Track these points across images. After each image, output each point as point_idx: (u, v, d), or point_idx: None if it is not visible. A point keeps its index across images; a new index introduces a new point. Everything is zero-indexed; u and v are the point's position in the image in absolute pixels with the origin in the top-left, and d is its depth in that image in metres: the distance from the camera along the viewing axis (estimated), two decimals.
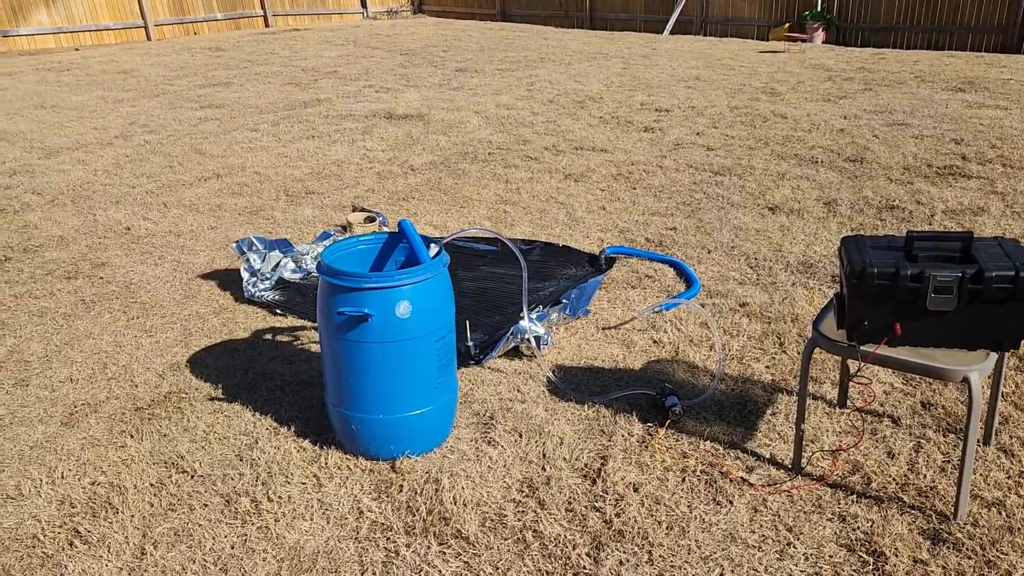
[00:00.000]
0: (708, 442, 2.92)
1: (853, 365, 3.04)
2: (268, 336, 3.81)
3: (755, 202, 5.41)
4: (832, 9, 14.27)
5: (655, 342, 3.65)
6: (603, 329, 3.81)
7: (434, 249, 2.92)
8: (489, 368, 3.47)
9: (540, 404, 3.18)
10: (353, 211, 5.15)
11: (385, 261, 3.08)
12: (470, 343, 3.52)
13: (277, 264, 4.36)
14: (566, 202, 5.57)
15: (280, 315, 4.01)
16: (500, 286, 4.26)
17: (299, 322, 3.94)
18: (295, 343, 3.74)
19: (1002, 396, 3.09)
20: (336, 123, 8.12)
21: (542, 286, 4.24)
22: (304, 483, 2.75)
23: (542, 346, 3.52)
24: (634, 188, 5.84)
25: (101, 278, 4.57)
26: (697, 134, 7.30)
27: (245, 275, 4.25)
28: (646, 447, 2.91)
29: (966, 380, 2.32)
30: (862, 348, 2.46)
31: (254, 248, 4.34)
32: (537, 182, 6.04)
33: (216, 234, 5.20)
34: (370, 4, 20.67)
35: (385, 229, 4.98)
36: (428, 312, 2.72)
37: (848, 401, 3.14)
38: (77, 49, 15.41)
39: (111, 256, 4.89)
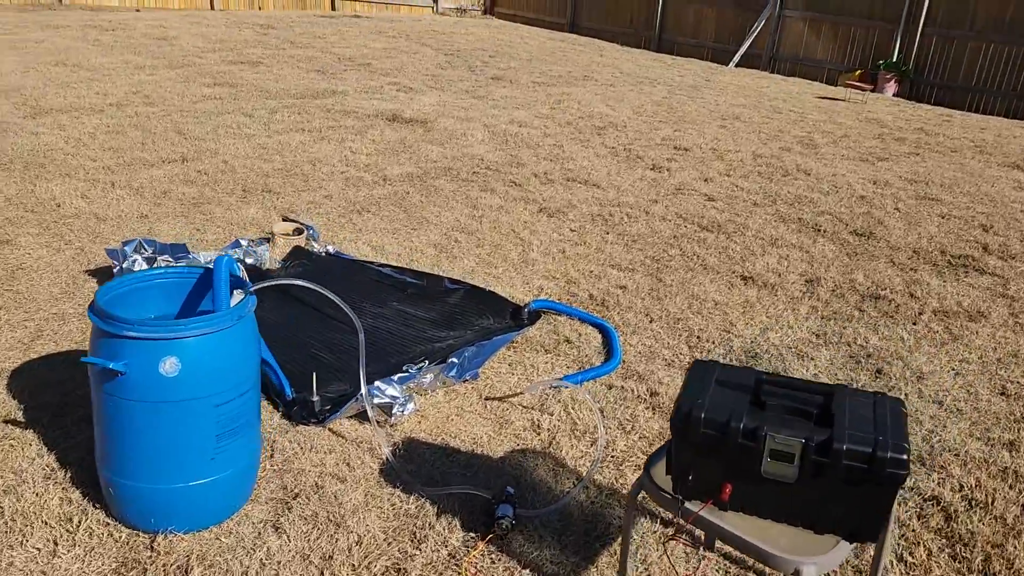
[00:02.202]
0: (528, 571, 2.42)
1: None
2: None
3: (730, 268, 4.84)
4: (909, 60, 13.38)
5: (534, 425, 3.15)
6: (486, 399, 3.33)
7: (237, 296, 2.49)
8: (331, 430, 3.03)
9: (362, 487, 2.73)
10: (283, 220, 4.77)
11: (199, 301, 2.67)
12: (315, 398, 3.08)
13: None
14: (526, 239, 5.09)
15: None
16: (401, 329, 3.82)
17: None
18: None
19: None
20: (335, 119, 7.78)
21: (443, 336, 3.78)
22: (38, 548, 2.35)
23: (395, 415, 3.06)
24: (607, 233, 5.32)
25: None
26: (705, 180, 6.72)
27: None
28: (455, 564, 2.43)
29: (797, 574, 1.78)
30: (686, 505, 1.95)
31: (141, 250, 3.97)
32: (507, 212, 5.57)
33: (142, 224, 4.87)
34: (441, 0, 20.43)
35: (315, 246, 4.59)
36: (206, 372, 2.29)
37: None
38: (138, 11, 15.51)
39: (21, 234, 4.60)
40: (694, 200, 6.15)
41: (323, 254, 4.54)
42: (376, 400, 3.02)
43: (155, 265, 3.96)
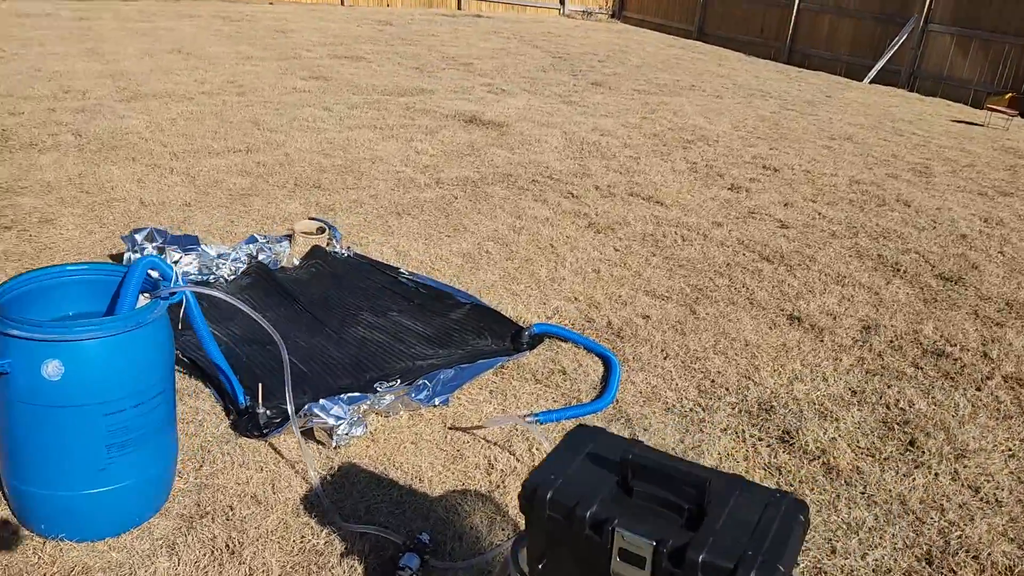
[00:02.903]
0: None
1: None
2: None
3: (779, 306, 4.38)
4: None
5: (488, 464, 2.89)
6: (450, 428, 3.09)
7: (142, 300, 2.36)
8: (272, 446, 2.87)
9: (277, 513, 2.55)
10: (309, 219, 4.69)
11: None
12: (260, 410, 2.94)
13: (175, 261, 3.97)
14: (561, 255, 4.80)
15: None
16: (389, 343, 3.63)
17: None
18: None
19: None
20: (411, 118, 7.72)
21: (430, 353, 3.56)
22: None
23: (337, 437, 2.87)
24: (653, 255, 4.95)
25: (31, 236, 4.41)
26: (785, 204, 6.19)
27: None
28: None
29: None
30: None
31: (152, 239, 3.97)
32: (552, 225, 5.29)
33: (181, 212, 4.93)
34: (569, 2, 20.21)
35: (336, 246, 4.48)
36: (94, 378, 2.18)
37: None
38: (271, 3, 16.14)
39: (65, 214, 4.74)
40: (764, 226, 5.66)
41: (342, 255, 4.42)
42: (319, 421, 2.84)
43: (163, 255, 3.95)
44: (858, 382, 3.66)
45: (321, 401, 2.90)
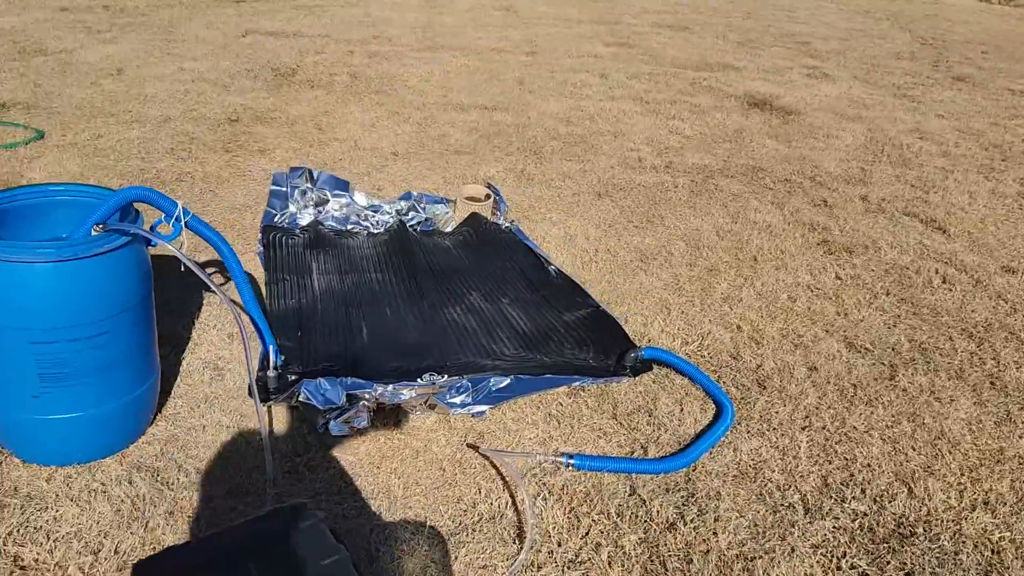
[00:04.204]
0: None
1: None
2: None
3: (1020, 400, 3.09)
4: None
5: (476, 497, 2.36)
6: (468, 446, 2.60)
7: (95, 231, 2.19)
8: (272, 412, 2.64)
9: (219, 488, 2.32)
10: (485, 185, 4.35)
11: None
12: (272, 374, 2.70)
13: (320, 203, 3.92)
14: (759, 273, 3.91)
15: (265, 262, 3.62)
16: (475, 332, 3.19)
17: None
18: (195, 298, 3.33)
19: None
20: (690, 95, 6.97)
21: (511, 355, 3.06)
22: None
23: (322, 423, 2.54)
24: (886, 294, 3.82)
25: (240, 162, 4.69)
26: None
27: (278, 205, 3.91)
28: None
29: None
30: None
31: (307, 179, 3.94)
32: (772, 234, 4.35)
33: (384, 161, 4.91)
34: None
35: (499, 217, 4.12)
36: (17, 303, 2.09)
37: None
38: None
39: (283, 148, 4.98)
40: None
41: (497, 226, 4.05)
42: (307, 402, 2.54)
43: (307, 197, 3.91)
44: None
45: (319, 380, 2.59)
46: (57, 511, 2.19)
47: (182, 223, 2.36)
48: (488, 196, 4.18)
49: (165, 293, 2.17)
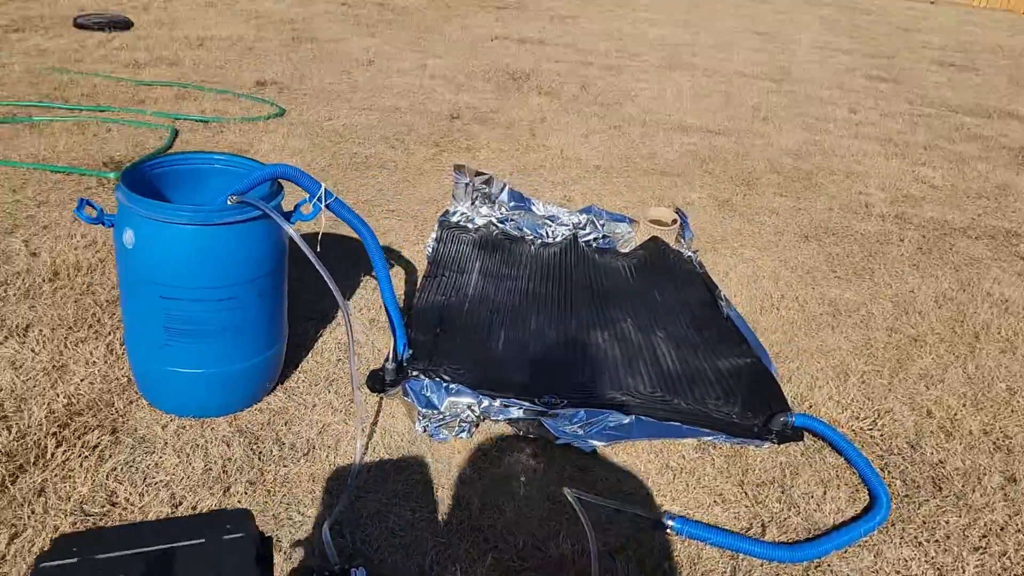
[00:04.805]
0: None
1: None
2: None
3: None
4: None
5: (549, 538, 2.17)
6: (565, 488, 2.41)
7: (231, 202, 2.27)
8: (382, 403, 2.63)
9: (302, 467, 2.34)
10: (661, 206, 4.06)
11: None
12: (391, 366, 2.68)
13: (497, 206, 3.89)
14: (979, 351, 3.31)
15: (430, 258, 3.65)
16: (614, 363, 2.97)
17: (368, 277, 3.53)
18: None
19: None
20: (954, 141, 6.14)
21: (644, 395, 2.80)
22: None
23: (418, 426, 2.46)
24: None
25: (445, 155, 4.80)
26: None
27: (461, 193, 3.90)
28: None
29: None
30: None
31: (481, 182, 3.91)
32: (997, 310, 3.68)
33: (581, 174, 4.79)
34: None
35: (683, 245, 3.86)
36: (154, 257, 2.23)
37: None
38: (932, 3, 14.48)
39: (489, 148, 5.03)
40: None
41: (679, 254, 3.78)
42: (414, 400, 2.48)
43: (473, 196, 3.89)
44: None
45: (424, 381, 2.53)
46: (160, 457, 2.30)
47: (322, 205, 2.39)
48: (675, 221, 3.91)
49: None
